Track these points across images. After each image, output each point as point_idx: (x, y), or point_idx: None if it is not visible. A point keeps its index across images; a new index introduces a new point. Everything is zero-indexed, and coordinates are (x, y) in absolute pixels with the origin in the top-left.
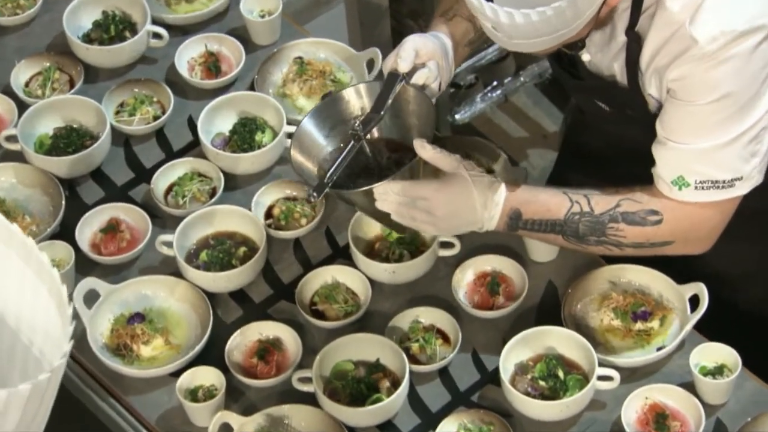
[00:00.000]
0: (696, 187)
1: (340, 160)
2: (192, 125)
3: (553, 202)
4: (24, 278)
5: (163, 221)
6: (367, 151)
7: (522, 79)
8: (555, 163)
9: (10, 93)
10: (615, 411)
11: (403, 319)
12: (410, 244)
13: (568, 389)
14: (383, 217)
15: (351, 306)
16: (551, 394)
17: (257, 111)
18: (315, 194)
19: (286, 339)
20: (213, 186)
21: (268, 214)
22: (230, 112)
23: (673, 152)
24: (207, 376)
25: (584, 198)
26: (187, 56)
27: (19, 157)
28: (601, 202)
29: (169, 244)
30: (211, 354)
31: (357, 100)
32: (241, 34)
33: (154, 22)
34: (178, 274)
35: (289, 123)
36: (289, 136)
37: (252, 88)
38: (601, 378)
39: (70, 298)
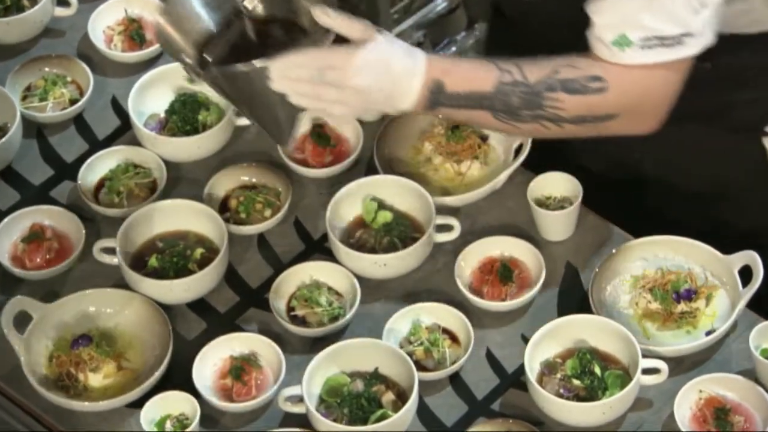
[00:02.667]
0: (641, 46)
1: (221, 35)
2: (118, 107)
3: (480, 71)
4: None
5: (96, 224)
6: (251, 28)
7: (477, 33)
8: None
9: None
10: (665, 409)
11: (402, 320)
12: (400, 228)
13: (607, 387)
14: (267, 112)
15: (336, 308)
16: (588, 395)
17: (197, 85)
18: (198, 71)
19: (264, 353)
20: (153, 178)
21: (224, 207)
22: (164, 88)
23: (610, 6)
24: (175, 403)
25: (515, 66)
26: (103, 25)
27: None
28: (535, 69)
29: (110, 251)
30: (175, 377)
31: None
32: None
33: None
34: (123, 285)
35: None
36: (239, 113)
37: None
38: (646, 371)
39: None
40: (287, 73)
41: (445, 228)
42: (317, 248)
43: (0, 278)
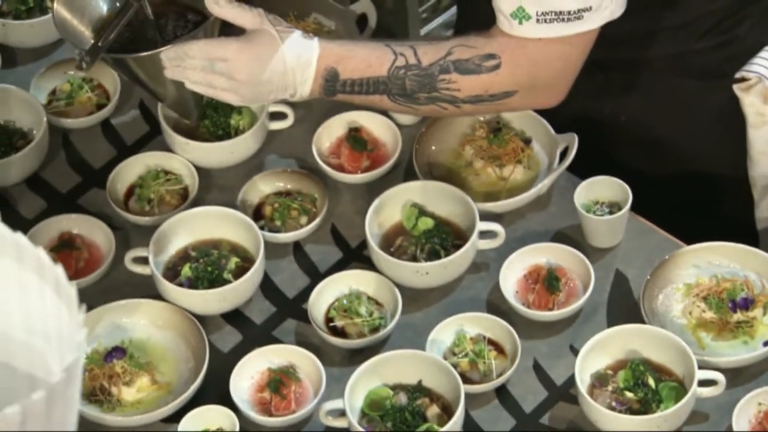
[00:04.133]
0: (538, 20)
1: (116, 19)
2: (146, 112)
3: (374, 57)
4: (25, 282)
5: (126, 232)
6: (149, 13)
7: None
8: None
9: None
10: (722, 423)
11: (445, 330)
12: (442, 235)
13: (662, 400)
14: (170, 94)
15: (377, 319)
16: (642, 408)
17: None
18: (88, 59)
19: (303, 365)
20: (184, 185)
21: (258, 215)
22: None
23: None
24: (213, 417)
25: (410, 49)
26: None
27: None
28: (429, 52)
29: (141, 261)
30: (211, 391)
31: None
32: None
33: None
34: (156, 295)
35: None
36: (273, 116)
37: None
38: (702, 383)
39: None
40: (178, 62)
41: (489, 234)
42: (355, 256)
43: None
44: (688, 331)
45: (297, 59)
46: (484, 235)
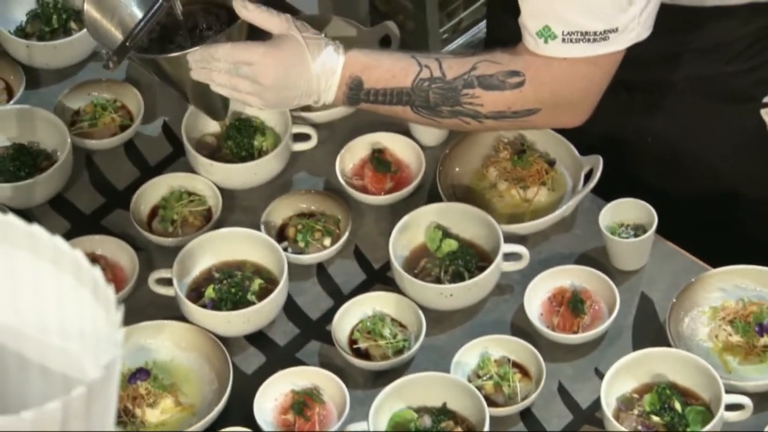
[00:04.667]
0: (564, 40)
1: (145, 19)
2: (169, 133)
3: (399, 67)
4: (63, 284)
5: (149, 253)
6: (178, 13)
7: None
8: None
9: None
10: None
11: (469, 353)
12: (466, 257)
13: (689, 424)
14: (198, 94)
15: (401, 341)
16: None
17: (250, 110)
18: (115, 58)
19: (327, 387)
20: (207, 206)
21: (281, 236)
22: None
23: None
24: None
25: (435, 62)
26: None
27: None
28: (454, 65)
29: (165, 282)
30: (234, 412)
31: None
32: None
33: None
34: (179, 317)
35: (294, 121)
36: (297, 138)
37: None
38: (729, 407)
39: None
40: (204, 64)
41: (513, 257)
42: (379, 278)
43: None
44: (714, 355)
45: (322, 66)
46: (508, 257)
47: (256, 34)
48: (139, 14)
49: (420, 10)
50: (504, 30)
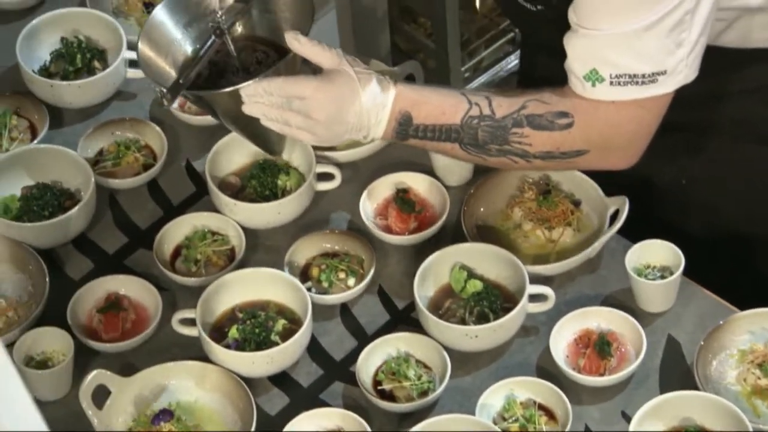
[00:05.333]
0: (612, 83)
1: (199, 56)
2: (192, 172)
3: (449, 104)
4: None
5: (172, 293)
6: (231, 49)
7: None
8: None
9: None
10: None
11: (495, 395)
12: (491, 298)
13: None
14: (252, 129)
15: (425, 382)
16: None
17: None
18: (169, 96)
19: (351, 429)
20: (231, 246)
21: (305, 276)
22: (241, 153)
23: (585, 41)
24: None
25: (485, 99)
26: None
27: None
28: (504, 104)
29: (188, 322)
30: None
31: None
32: None
33: (129, 47)
34: (202, 357)
35: (318, 161)
36: (321, 177)
37: None
38: None
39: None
40: (256, 99)
41: (539, 298)
42: (403, 319)
43: (75, 351)
44: (743, 399)
45: (373, 101)
46: (533, 298)
47: (305, 70)
48: (191, 52)
49: (441, 49)
50: (537, 69)
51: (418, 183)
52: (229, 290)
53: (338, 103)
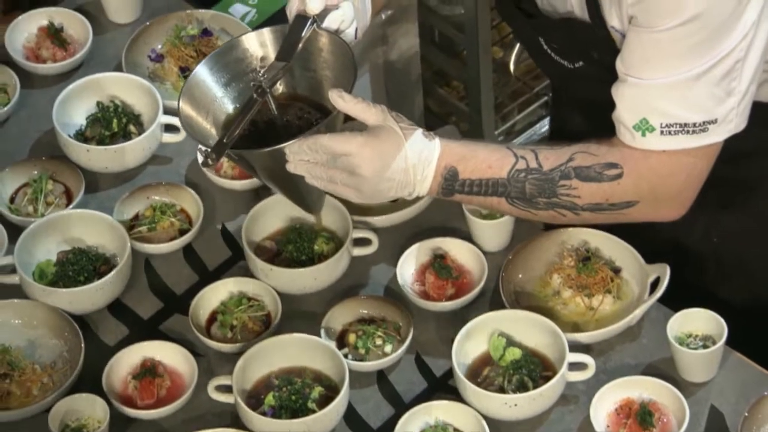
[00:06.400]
0: (662, 132)
1: (241, 116)
2: (228, 236)
3: (495, 158)
4: None
5: (207, 359)
6: (273, 108)
7: None
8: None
9: None
10: None
11: None
12: (530, 366)
13: None
14: (293, 188)
15: None
16: None
17: (312, 217)
18: (214, 155)
19: None
20: (267, 311)
21: (341, 342)
22: (277, 217)
23: (634, 90)
24: None
25: (531, 153)
26: None
27: (15, 292)
28: (551, 156)
29: (225, 389)
30: None
31: (260, 48)
32: None
33: (165, 111)
34: (238, 424)
35: (355, 226)
36: (357, 242)
37: None
38: None
39: None
40: (301, 157)
41: (578, 366)
42: (441, 386)
43: (110, 418)
44: None
45: (419, 156)
46: (573, 366)
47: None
48: (232, 110)
49: (475, 113)
50: (568, 124)
51: (455, 248)
52: (266, 357)
53: (384, 159)
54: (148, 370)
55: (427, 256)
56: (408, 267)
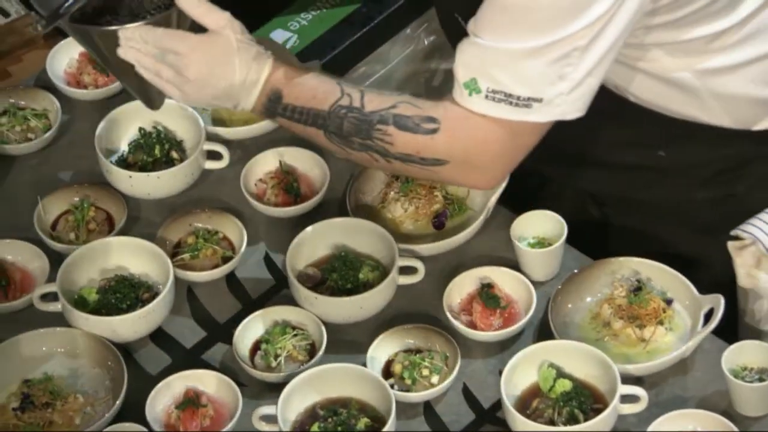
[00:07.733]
0: (487, 96)
1: None
2: (271, 264)
3: (322, 90)
4: None
5: (251, 389)
6: None
7: None
8: None
9: (34, 240)
10: None
11: None
12: (581, 398)
13: None
14: (125, 72)
15: None
16: None
17: (355, 242)
18: (43, 22)
19: None
20: (311, 341)
21: (387, 373)
22: (321, 244)
23: (473, 49)
24: None
25: (358, 93)
26: (255, 178)
27: (57, 320)
28: (375, 99)
29: (269, 419)
30: None
31: None
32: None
33: (207, 137)
34: None
35: (401, 254)
36: (403, 271)
37: (344, 212)
38: None
39: None
40: (133, 44)
41: (630, 399)
42: (489, 418)
43: None
44: None
45: (246, 72)
46: (625, 398)
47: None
48: None
49: None
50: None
51: (503, 278)
52: (311, 386)
53: (211, 66)
54: (191, 400)
55: (474, 286)
56: (455, 296)
